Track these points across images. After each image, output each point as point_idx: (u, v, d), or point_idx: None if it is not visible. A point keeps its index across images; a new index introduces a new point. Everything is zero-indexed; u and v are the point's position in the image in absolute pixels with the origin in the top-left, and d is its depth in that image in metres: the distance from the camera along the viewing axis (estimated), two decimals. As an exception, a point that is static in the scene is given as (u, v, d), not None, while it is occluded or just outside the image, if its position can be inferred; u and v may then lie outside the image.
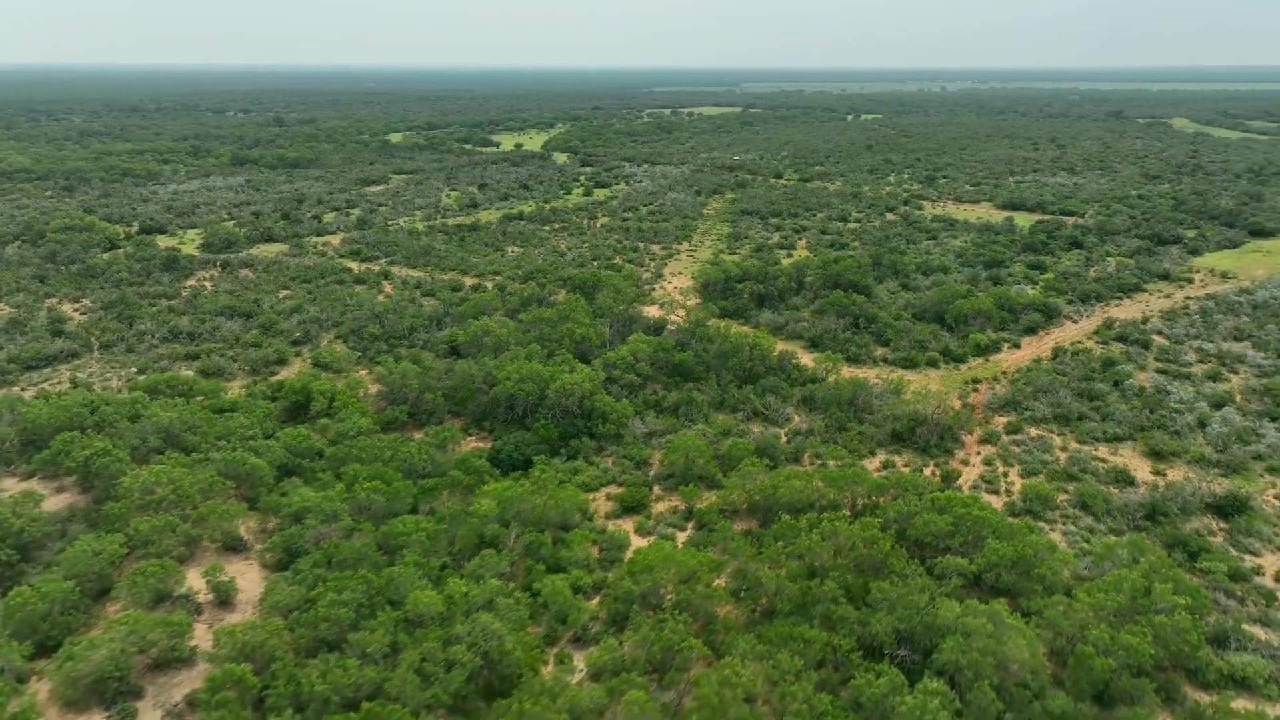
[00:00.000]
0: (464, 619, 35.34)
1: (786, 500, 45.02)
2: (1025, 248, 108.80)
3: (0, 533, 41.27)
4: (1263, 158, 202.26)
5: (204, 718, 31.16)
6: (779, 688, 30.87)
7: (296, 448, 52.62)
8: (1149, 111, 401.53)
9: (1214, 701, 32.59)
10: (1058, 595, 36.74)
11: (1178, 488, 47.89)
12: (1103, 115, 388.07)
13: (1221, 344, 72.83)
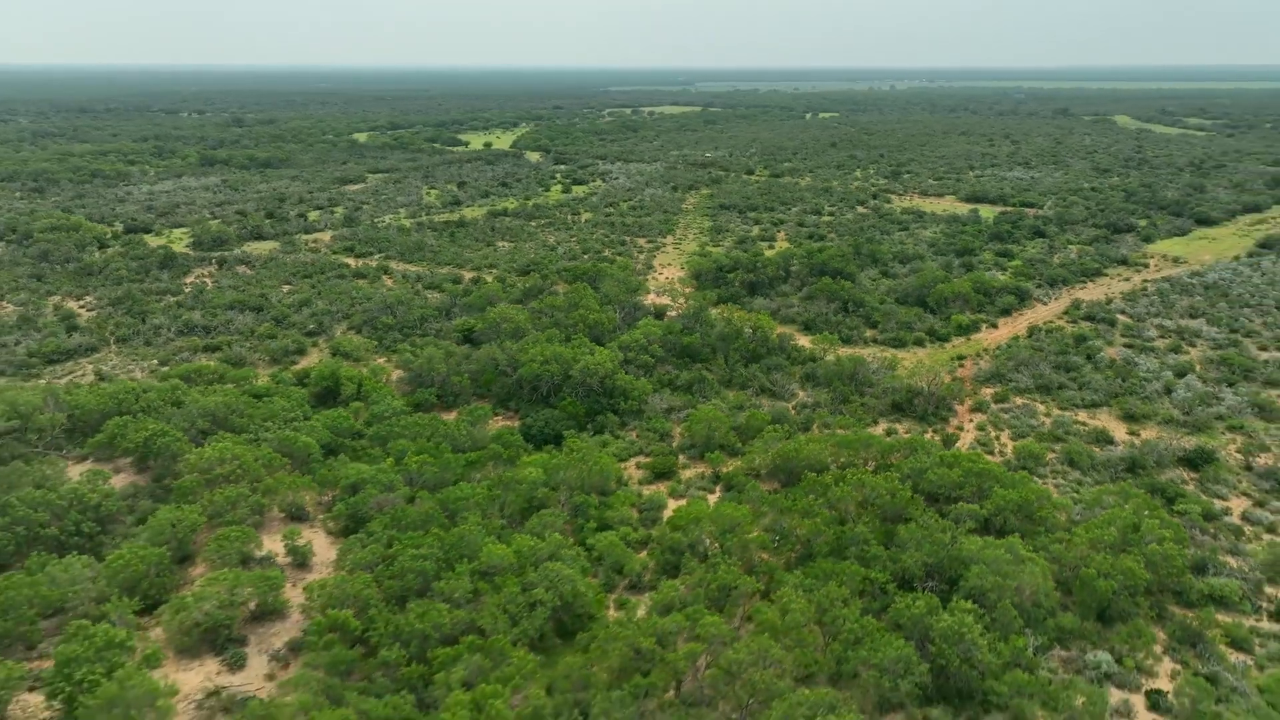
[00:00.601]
0: (533, 569, 38.94)
1: (807, 461, 49.31)
2: (992, 237, 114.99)
3: (81, 507, 43.78)
4: (1201, 152, 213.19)
5: (312, 658, 34.29)
6: (829, 612, 35.04)
7: (337, 427, 55.57)
8: (1093, 109, 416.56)
9: (1198, 615, 37.59)
10: (1059, 533, 41.55)
11: (1152, 444, 53.31)
12: (1050, 113, 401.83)
13: (1179, 321, 79.16)
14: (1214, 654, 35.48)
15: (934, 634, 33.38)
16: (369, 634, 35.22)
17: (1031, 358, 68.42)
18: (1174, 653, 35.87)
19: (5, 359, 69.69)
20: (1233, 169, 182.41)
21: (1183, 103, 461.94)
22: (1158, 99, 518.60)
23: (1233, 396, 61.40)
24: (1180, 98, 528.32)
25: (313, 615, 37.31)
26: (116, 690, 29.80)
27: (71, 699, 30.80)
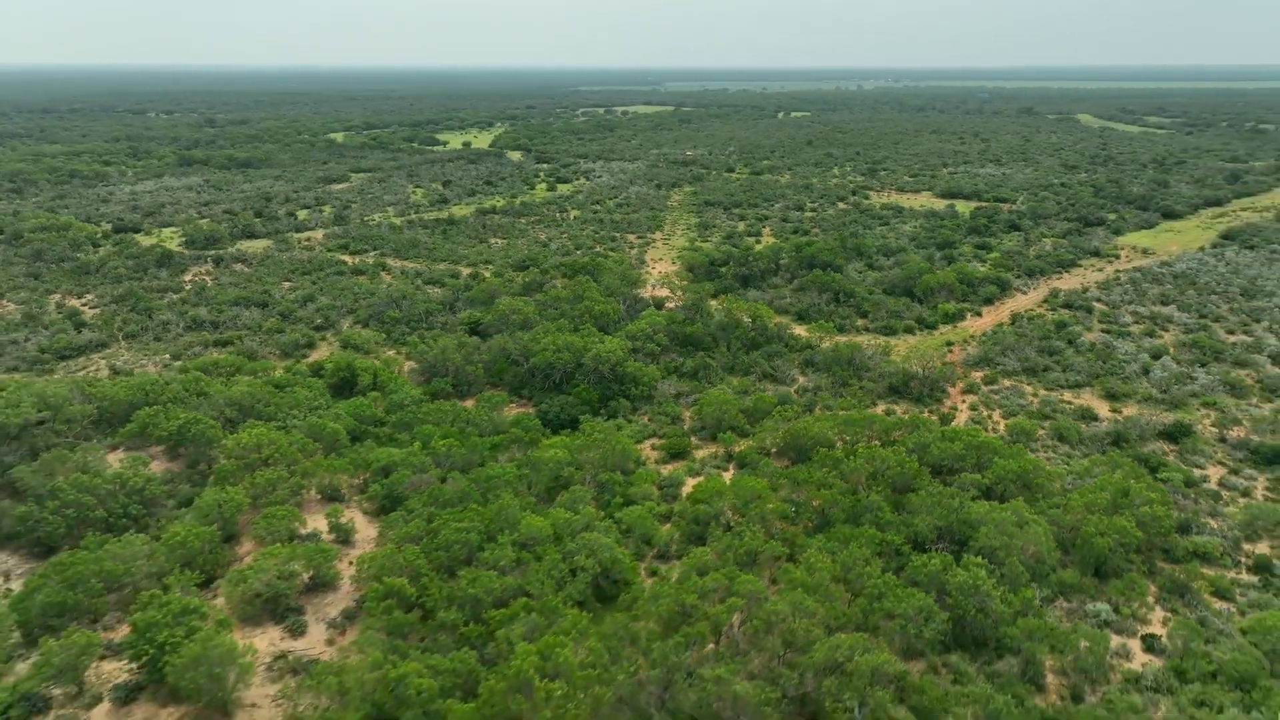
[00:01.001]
0: (570, 539, 41.38)
1: (815, 439, 52.17)
2: (970, 231, 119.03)
3: (126, 490, 45.43)
4: (1163, 149, 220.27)
5: (371, 621, 36.45)
6: (853, 571, 37.87)
7: (360, 415, 57.52)
8: (1056, 108, 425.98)
9: (1185, 569, 40.96)
10: (1056, 498, 44.81)
11: (1134, 420, 56.91)
12: (1015, 112, 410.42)
13: (1152, 307, 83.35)
14: (1200, 603, 38.85)
15: (950, 587, 36.32)
16: (422, 600, 37.41)
17: (1017, 343, 72.02)
18: (1164, 602, 39.19)
19: (18, 355, 70.61)
20: (1193, 165, 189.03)
21: (1142, 102, 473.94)
22: (1118, 98, 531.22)
23: (1205, 376, 65.35)
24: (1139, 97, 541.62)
25: (365, 585, 39.45)
26: (200, 650, 31.80)
27: (155, 660, 32.71)
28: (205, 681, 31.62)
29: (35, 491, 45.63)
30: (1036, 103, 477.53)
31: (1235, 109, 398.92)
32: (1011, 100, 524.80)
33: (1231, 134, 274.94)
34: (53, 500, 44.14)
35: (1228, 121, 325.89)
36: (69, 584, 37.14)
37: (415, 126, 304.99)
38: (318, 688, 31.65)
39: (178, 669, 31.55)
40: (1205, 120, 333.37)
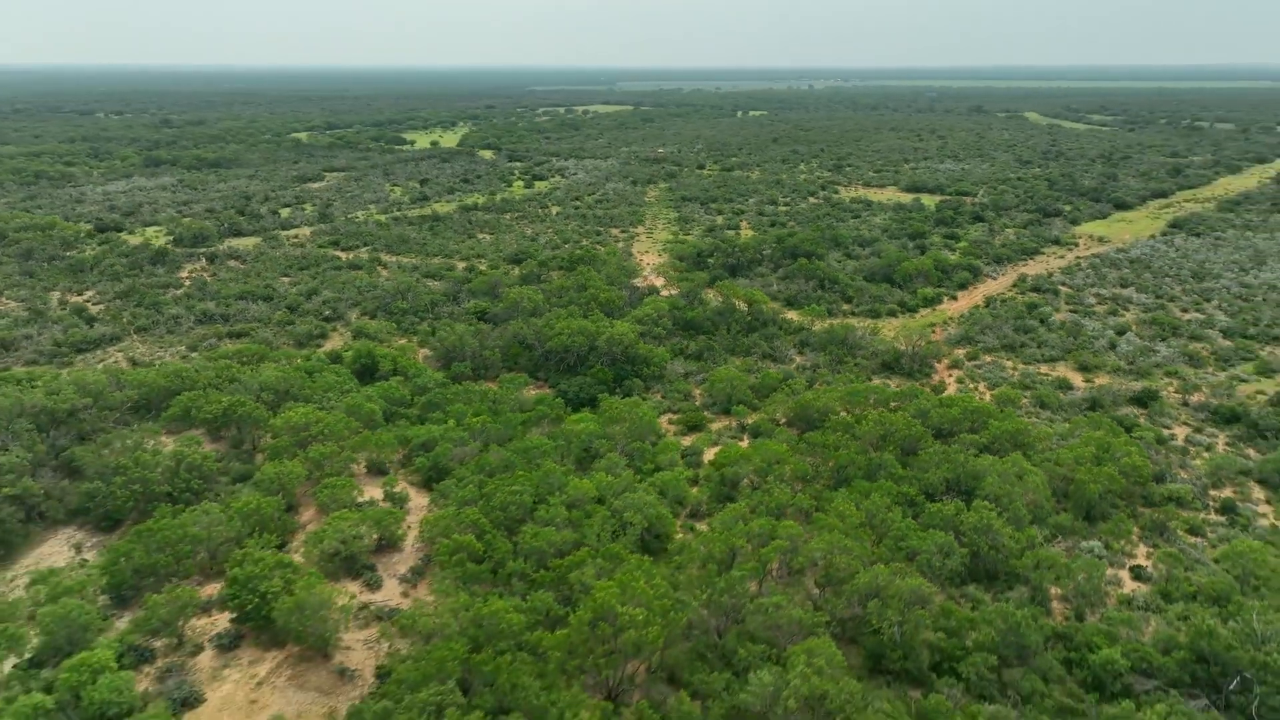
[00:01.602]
0: (614, 499, 45.09)
1: (821, 409, 56.56)
2: (938, 222, 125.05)
3: (187, 466, 47.96)
4: (1109, 145, 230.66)
5: (445, 574, 39.70)
6: (877, 516, 42.22)
7: (390, 397, 60.44)
8: (1004, 106, 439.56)
9: (1162, 511, 46.14)
10: (1047, 453, 49.76)
11: (1107, 388, 62.42)
12: (965, 110, 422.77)
13: (1113, 290, 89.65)
14: (1177, 538, 44.01)
15: (964, 528, 40.86)
16: (488, 555, 40.79)
17: (994, 322, 77.44)
18: (1147, 539, 44.26)
19: (34, 349, 71.89)
20: (1138, 160, 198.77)
21: (1085, 100, 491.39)
22: (1061, 97, 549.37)
23: (1166, 349, 71.33)
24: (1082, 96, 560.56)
25: (429, 545, 42.76)
26: (304, 595, 34.91)
27: (258, 608, 35.71)
28: (311, 624, 34.71)
29: (96, 470, 47.88)
30: (984, 101, 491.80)
31: (1171, 107, 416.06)
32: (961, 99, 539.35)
33: (1170, 131, 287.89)
34: (119, 476, 46.50)
35: (1166, 119, 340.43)
36: (158, 547, 39.78)
37: (378, 126, 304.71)
38: (413, 626, 34.93)
39: (285, 612, 34.62)
40: (1145, 118, 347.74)
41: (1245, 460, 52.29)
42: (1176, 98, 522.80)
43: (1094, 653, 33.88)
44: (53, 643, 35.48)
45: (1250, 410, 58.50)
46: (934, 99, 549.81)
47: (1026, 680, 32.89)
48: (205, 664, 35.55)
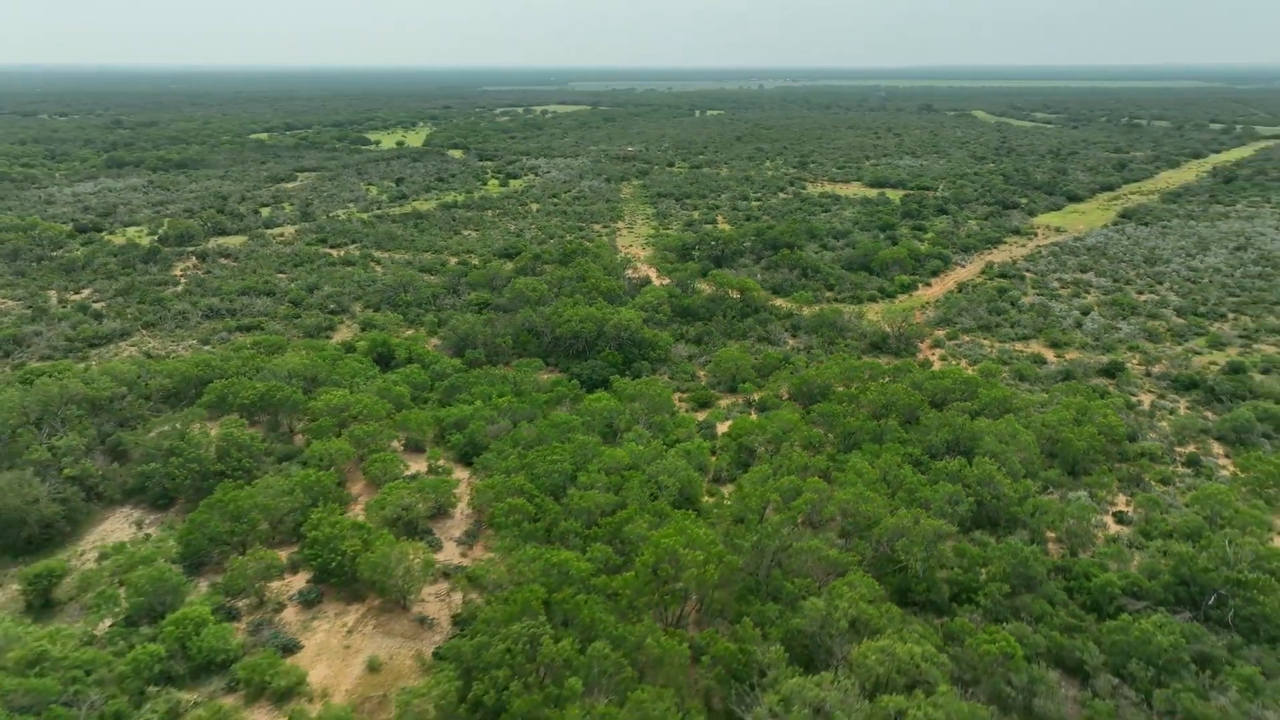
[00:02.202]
0: (646, 466, 48.86)
1: (822, 384, 60.99)
2: (904, 215, 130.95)
3: (238, 447, 50.48)
4: (1056, 141, 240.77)
5: (503, 534, 43.03)
6: (890, 473, 46.66)
7: (412, 381, 63.38)
8: (952, 105, 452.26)
9: (1137, 465, 51.43)
10: (1034, 416, 54.81)
11: (1078, 361, 68.01)
12: (915, 109, 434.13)
13: (1073, 275, 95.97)
14: (1151, 488, 49.25)
15: (968, 480, 45.49)
16: (540, 516, 44.23)
17: (969, 305, 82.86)
18: (1125, 489, 49.42)
19: (48, 345, 73.12)
20: (1084, 155, 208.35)
21: (1028, 99, 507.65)
22: (1005, 96, 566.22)
23: (1127, 327, 77.38)
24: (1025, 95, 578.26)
25: (479, 511, 46.12)
26: (385, 552, 38.10)
27: (341, 566, 38.79)
28: (393, 578, 37.89)
29: (147, 452, 50.14)
30: (933, 100, 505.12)
31: (1109, 106, 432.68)
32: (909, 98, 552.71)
33: (1111, 128, 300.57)
34: (175, 457, 48.89)
35: (1106, 117, 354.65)
36: (232, 516, 42.49)
37: (337, 126, 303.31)
38: (485, 577, 38.32)
39: (370, 566, 37.79)
40: (1086, 116, 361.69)
41: (1205, 421, 58.02)
42: (1114, 96, 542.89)
43: (1091, 580, 38.69)
44: (145, 603, 38.10)
45: (1206, 378, 64.47)
46: (883, 98, 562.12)
47: (1036, 605, 37.48)
48: (291, 618, 38.49)
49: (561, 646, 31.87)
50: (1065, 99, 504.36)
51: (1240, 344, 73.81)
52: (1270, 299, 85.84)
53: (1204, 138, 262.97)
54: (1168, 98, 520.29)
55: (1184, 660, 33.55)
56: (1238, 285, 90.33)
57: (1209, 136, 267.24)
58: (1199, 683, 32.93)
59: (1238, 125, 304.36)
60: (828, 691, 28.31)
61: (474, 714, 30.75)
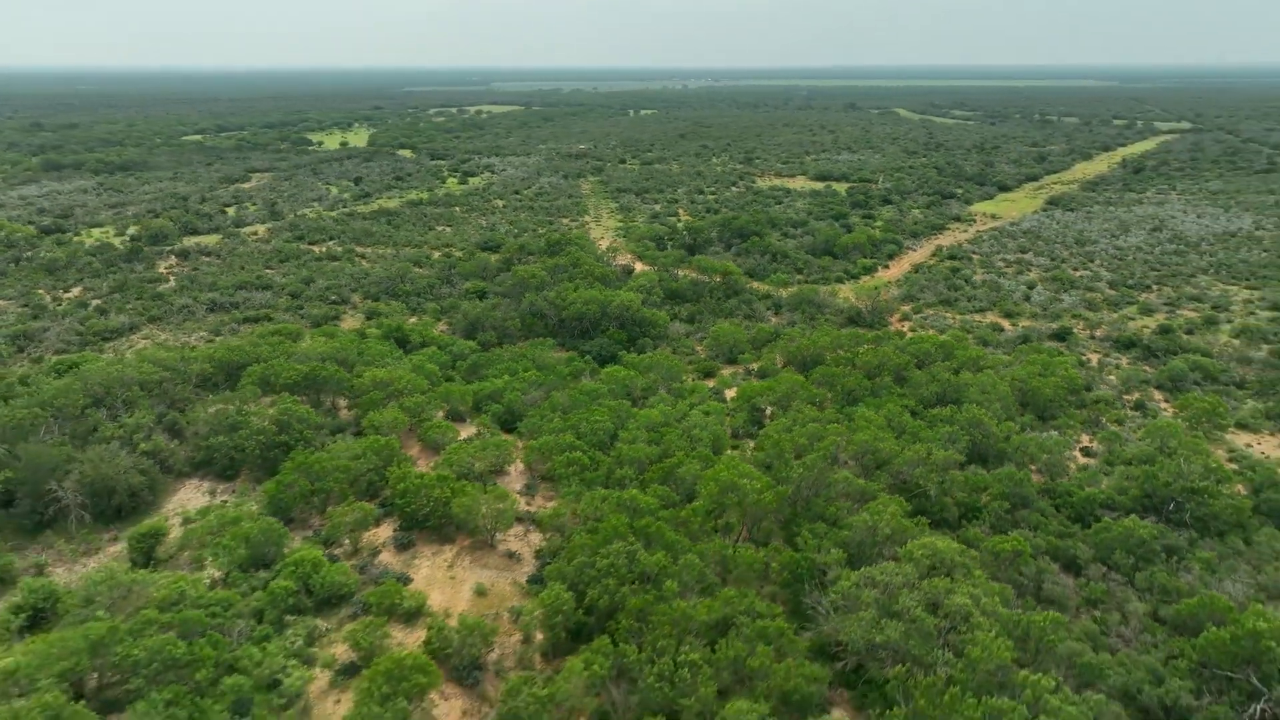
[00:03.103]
0: (677, 423, 54.65)
1: (816, 352, 67.69)
2: (853, 205, 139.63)
3: (298, 419, 54.31)
4: (979, 137, 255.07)
5: (565, 482, 48.14)
6: (894, 420, 53.46)
7: (437, 361, 67.74)
8: (875, 104, 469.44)
9: (1094, 409, 59.53)
10: (1005, 371, 62.52)
11: (1031, 328, 76.50)
12: (840, 107, 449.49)
13: (1015, 255, 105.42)
14: (1108, 427, 57.31)
15: (961, 423, 52.59)
16: (594, 467, 49.53)
17: (928, 283, 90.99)
18: (1087, 429, 57.38)
19: (61, 339, 74.71)
20: (1006, 149, 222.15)
21: (945, 97, 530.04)
22: (923, 95, 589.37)
23: (1069, 298, 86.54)
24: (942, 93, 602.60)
25: (532, 468, 51.16)
26: (475, 496, 42.99)
27: (434, 513, 43.48)
28: (482, 519, 42.79)
29: (212, 427, 53.56)
30: (856, 99, 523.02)
31: (1021, 103, 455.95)
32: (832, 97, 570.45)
33: (1026, 124, 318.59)
34: (240, 430, 52.51)
35: (1019, 114, 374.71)
36: (316, 476, 46.63)
37: (271, 128, 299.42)
38: (561, 516, 43.51)
39: (463, 509, 42.62)
40: (1001, 113, 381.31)
41: (1145, 373, 66.76)
42: (1023, 95, 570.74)
43: (1073, 497, 46.10)
44: (252, 554, 42.10)
45: (1142, 339, 73.57)
46: (806, 97, 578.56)
47: (1032, 518, 44.63)
48: (390, 559, 43.02)
49: (657, 558, 37.49)
50: (979, 97, 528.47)
51: (1165, 310, 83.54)
52: (1186, 272, 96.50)
53: (1110, 132, 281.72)
54: (1072, 96, 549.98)
55: (1156, 550, 41.09)
56: (1158, 261, 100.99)
57: (1114, 131, 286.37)
58: (1169, 566, 40.45)
59: (1139, 121, 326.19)
60: (891, 576, 34.60)
61: (589, 616, 36.10)
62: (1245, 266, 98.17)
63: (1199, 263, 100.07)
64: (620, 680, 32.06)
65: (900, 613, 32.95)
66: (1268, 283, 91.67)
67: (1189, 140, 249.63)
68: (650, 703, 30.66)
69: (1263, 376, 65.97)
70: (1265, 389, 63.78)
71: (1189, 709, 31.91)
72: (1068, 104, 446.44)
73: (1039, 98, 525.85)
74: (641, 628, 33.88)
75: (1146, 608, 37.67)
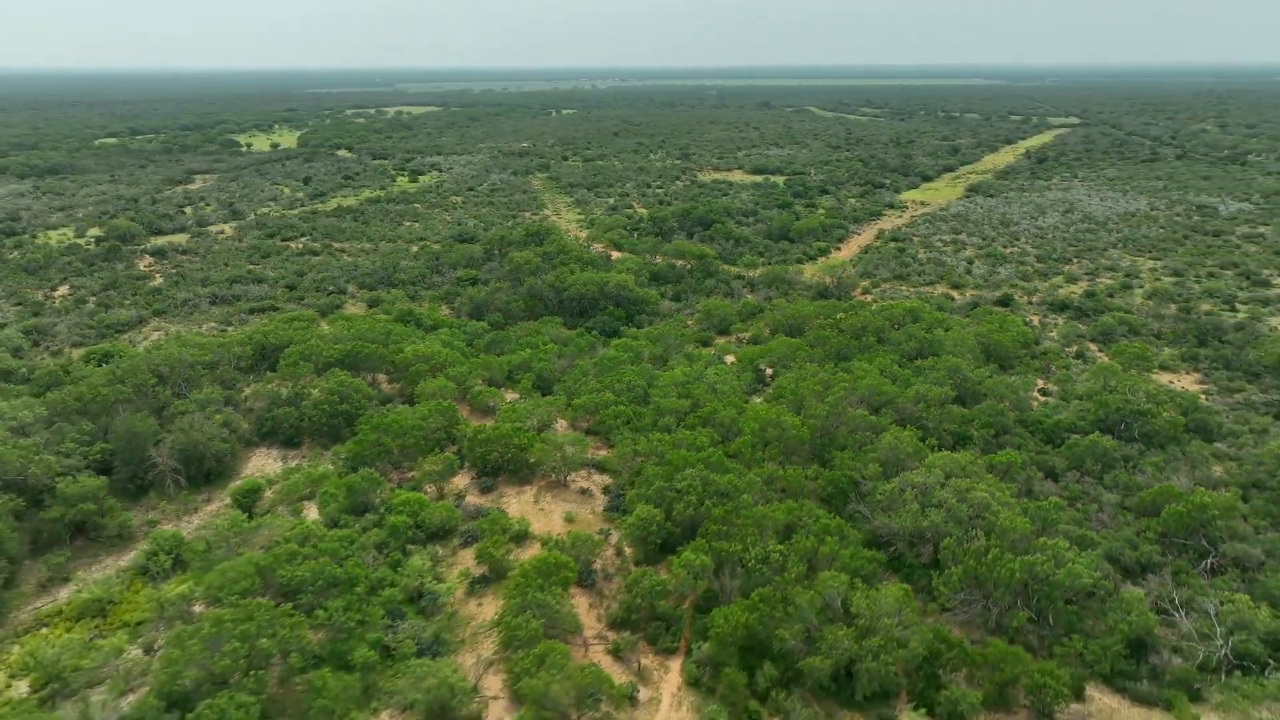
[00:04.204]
0: (698, 380, 61.81)
1: (800, 320, 75.84)
2: (795, 195, 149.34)
3: (355, 390, 59.11)
4: (894, 132, 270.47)
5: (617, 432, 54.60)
6: (887, 370, 61.86)
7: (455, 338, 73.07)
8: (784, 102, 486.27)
9: (1045, 359, 69.44)
10: (969, 329, 71.91)
11: (979, 296, 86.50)
12: (754, 105, 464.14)
13: (950, 236, 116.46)
14: (1057, 373, 67.18)
15: (943, 370, 61.36)
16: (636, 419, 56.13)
17: (881, 261, 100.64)
18: (1039, 374, 67.12)
19: (76, 332, 76.73)
20: (920, 143, 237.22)
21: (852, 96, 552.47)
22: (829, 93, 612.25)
23: (1004, 271, 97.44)
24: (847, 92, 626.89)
25: (575, 422, 57.49)
26: (552, 441, 49.16)
27: (514, 458, 49.43)
28: (558, 462, 48.99)
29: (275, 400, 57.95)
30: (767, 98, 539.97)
31: (923, 101, 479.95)
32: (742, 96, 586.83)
33: (932, 120, 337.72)
34: (305, 402, 57.11)
35: (924, 111, 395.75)
36: (397, 433, 51.90)
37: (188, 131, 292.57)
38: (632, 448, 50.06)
39: (542, 452, 48.76)
40: (907, 110, 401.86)
41: (1080, 329, 77.31)
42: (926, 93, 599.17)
43: (1044, 424, 55.33)
44: (354, 500, 47.28)
45: (1073, 302, 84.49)
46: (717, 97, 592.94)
47: (1012, 441, 53.52)
48: (476, 500, 48.77)
49: (727, 478, 44.55)
50: (884, 96, 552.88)
51: (1087, 279, 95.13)
52: (1099, 247, 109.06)
53: (1009, 127, 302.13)
54: (969, 94, 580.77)
55: (1116, 458, 50.47)
56: (1074, 239, 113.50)
57: (1013, 126, 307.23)
58: (1128, 469, 49.84)
59: (1034, 117, 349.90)
60: (925, 477, 42.59)
61: (676, 528, 42.85)
62: (1147, 240, 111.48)
63: (1108, 239, 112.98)
64: (720, 570, 38.96)
65: (938, 503, 40.95)
66: (1168, 253, 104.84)
67: (1080, 134, 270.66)
68: (752, 583, 37.66)
69: (1174, 328, 77.37)
70: (1178, 338, 75.11)
71: (1159, 565, 40.90)
72: (965, 101, 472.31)
73: (938, 96, 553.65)
74: (727, 530, 40.86)
75: (1115, 499, 46.82)
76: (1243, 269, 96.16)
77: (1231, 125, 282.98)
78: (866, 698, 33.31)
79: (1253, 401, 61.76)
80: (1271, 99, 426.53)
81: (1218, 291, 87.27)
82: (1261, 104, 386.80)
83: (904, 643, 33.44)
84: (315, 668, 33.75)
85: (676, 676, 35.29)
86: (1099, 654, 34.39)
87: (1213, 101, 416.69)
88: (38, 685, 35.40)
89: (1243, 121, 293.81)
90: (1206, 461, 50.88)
